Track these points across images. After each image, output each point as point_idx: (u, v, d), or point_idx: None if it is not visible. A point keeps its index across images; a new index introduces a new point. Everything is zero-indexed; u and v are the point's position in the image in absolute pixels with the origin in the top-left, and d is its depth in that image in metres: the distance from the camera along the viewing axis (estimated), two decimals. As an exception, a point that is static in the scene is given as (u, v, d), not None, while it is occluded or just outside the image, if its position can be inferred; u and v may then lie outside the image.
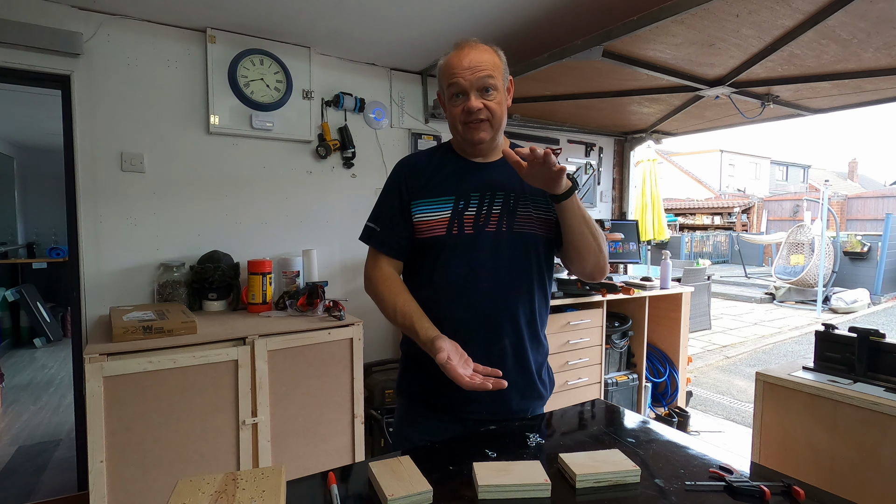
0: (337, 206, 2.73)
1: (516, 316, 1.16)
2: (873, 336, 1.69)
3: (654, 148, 4.06)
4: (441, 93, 1.19)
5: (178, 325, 1.78)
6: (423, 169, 1.20)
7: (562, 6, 2.02)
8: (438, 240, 1.14)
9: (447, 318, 1.13)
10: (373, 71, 2.80)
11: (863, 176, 31.24)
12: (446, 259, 1.14)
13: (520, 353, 1.17)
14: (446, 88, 1.14)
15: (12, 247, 5.30)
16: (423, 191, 1.17)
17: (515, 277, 1.15)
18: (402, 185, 1.19)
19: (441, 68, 1.15)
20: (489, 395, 1.12)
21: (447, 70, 1.13)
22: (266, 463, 1.88)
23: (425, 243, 1.16)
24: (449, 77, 1.12)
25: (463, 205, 1.15)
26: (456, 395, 1.12)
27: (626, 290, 3.00)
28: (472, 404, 1.15)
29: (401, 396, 1.28)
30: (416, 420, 1.22)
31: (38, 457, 2.81)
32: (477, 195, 1.16)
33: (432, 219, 1.15)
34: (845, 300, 8.84)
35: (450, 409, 1.17)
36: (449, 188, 1.16)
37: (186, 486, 0.77)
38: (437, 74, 1.18)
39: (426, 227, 1.15)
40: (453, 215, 1.14)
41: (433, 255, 1.15)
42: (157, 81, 2.24)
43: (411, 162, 1.23)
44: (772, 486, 0.83)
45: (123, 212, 2.19)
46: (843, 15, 1.71)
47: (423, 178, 1.18)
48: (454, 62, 1.11)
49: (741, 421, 3.75)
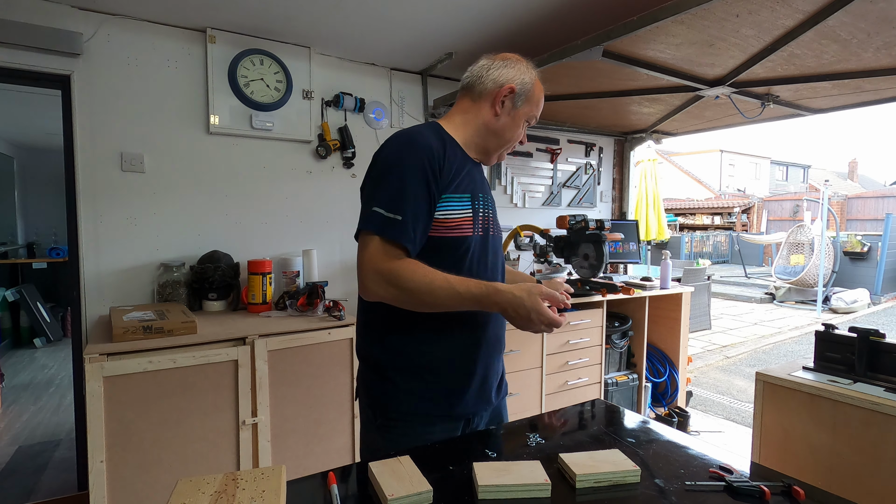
0: (337, 206, 2.73)
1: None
2: (873, 336, 1.68)
3: (654, 148, 4.06)
4: (517, 108, 1.16)
5: (178, 325, 1.78)
6: (446, 158, 1.08)
7: (562, 6, 2.03)
8: (466, 240, 1.09)
9: (474, 320, 1.12)
10: (373, 71, 2.80)
11: (863, 176, 31.24)
12: (473, 261, 1.12)
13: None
14: (528, 112, 1.18)
15: (12, 247, 5.30)
16: (451, 184, 1.07)
17: (503, 279, 1.25)
18: (430, 174, 1.03)
19: (533, 90, 1.18)
20: (494, 390, 1.19)
21: (537, 97, 1.18)
22: (266, 463, 1.88)
23: (450, 243, 1.07)
24: (536, 105, 1.18)
25: (477, 204, 1.14)
26: (470, 394, 1.13)
27: (626, 290, 3.00)
28: (481, 402, 1.16)
29: (407, 396, 1.10)
30: (417, 420, 1.12)
31: (38, 457, 2.81)
32: (482, 195, 1.16)
33: (459, 217, 1.08)
34: (845, 300, 8.84)
35: (456, 406, 1.12)
36: (466, 185, 1.12)
37: (186, 486, 0.77)
38: (525, 90, 1.16)
39: (453, 225, 1.06)
40: (473, 215, 1.11)
41: (457, 257, 1.09)
42: (157, 81, 2.24)
43: (429, 145, 1.06)
44: (772, 486, 0.83)
45: (123, 212, 2.19)
46: (843, 15, 1.71)
47: (448, 169, 1.07)
48: (540, 101, 1.20)
49: (741, 421, 3.75)
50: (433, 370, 1.10)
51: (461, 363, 1.12)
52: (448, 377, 1.11)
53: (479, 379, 1.14)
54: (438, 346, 1.10)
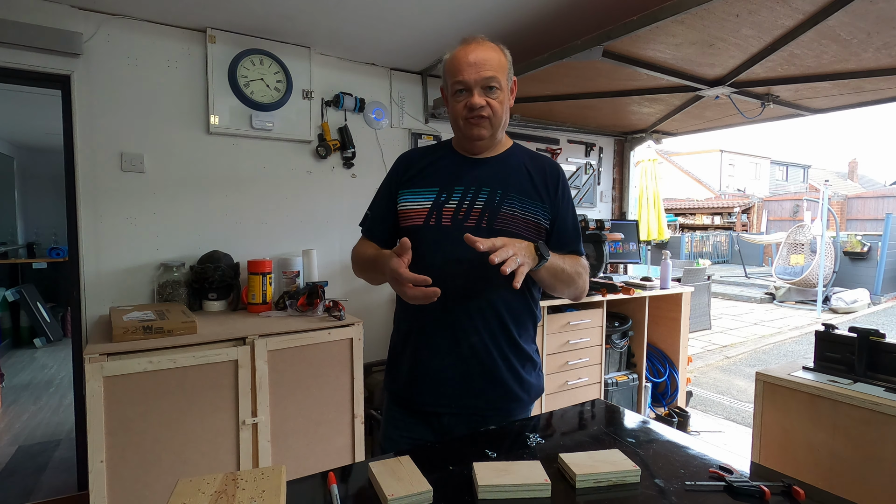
0: (337, 206, 2.73)
1: (489, 313, 1.14)
2: (873, 336, 1.69)
3: (654, 148, 4.06)
4: (444, 88, 1.19)
5: (178, 325, 1.78)
6: (418, 161, 1.24)
7: (562, 6, 2.02)
8: (416, 229, 1.17)
9: (422, 310, 1.12)
10: (373, 71, 2.80)
11: (863, 176, 31.24)
12: (423, 250, 1.13)
13: (490, 353, 1.15)
14: (451, 84, 1.14)
15: (12, 247, 5.30)
16: (411, 181, 1.21)
17: (492, 275, 1.03)
18: (395, 175, 1.25)
19: (446, 63, 1.16)
20: (456, 389, 1.15)
21: (452, 65, 1.13)
22: (266, 463, 1.88)
23: (406, 232, 1.17)
24: (454, 73, 1.12)
25: (445, 197, 1.16)
26: (424, 390, 1.17)
27: (626, 290, 3.00)
28: (439, 397, 1.16)
29: (384, 394, 1.32)
30: (396, 419, 1.23)
31: (38, 457, 2.81)
32: (461, 189, 1.16)
33: (413, 208, 1.18)
34: (845, 300, 8.84)
35: (419, 405, 1.19)
36: (435, 180, 1.18)
37: (186, 486, 0.77)
38: (442, 69, 1.18)
39: (407, 216, 1.19)
40: (433, 206, 1.16)
41: (413, 245, 1.12)
42: (157, 81, 2.24)
43: (409, 155, 1.28)
44: (772, 486, 0.83)
45: (123, 212, 2.19)
46: (843, 15, 1.71)
47: (415, 169, 1.22)
48: (460, 58, 1.11)
49: (741, 421, 3.75)
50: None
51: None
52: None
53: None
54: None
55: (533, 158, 1.24)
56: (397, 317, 1.28)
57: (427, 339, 1.17)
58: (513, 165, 1.20)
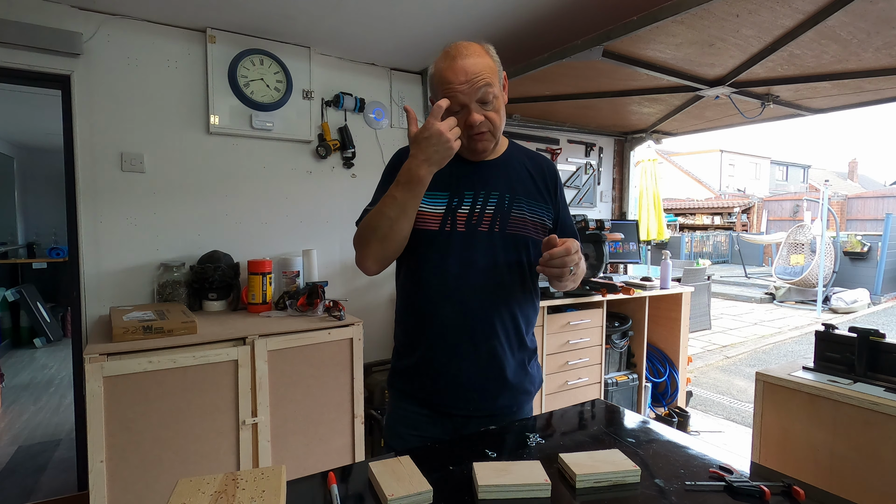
0: (337, 206, 2.73)
1: (506, 317, 1.16)
2: (873, 336, 1.68)
3: (654, 148, 4.06)
4: (435, 100, 1.13)
5: (178, 325, 1.78)
6: None
7: (562, 6, 2.02)
8: (431, 234, 1.13)
9: (437, 315, 1.13)
10: (373, 71, 2.80)
11: (863, 176, 31.25)
12: (440, 256, 1.13)
13: (507, 353, 1.17)
14: (437, 94, 1.11)
15: (12, 247, 5.30)
16: None
17: (507, 279, 1.14)
18: (397, 173, 1.15)
19: (434, 79, 1.11)
20: (475, 392, 1.15)
21: (443, 84, 1.08)
22: (266, 463, 1.88)
23: (420, 236, 1.13)
24: (445, 90, 1.07)
25: (457, 202, 1.15)
26: (441, 391, 1.15)
27: (626, 290, 3.00)
28: (457, 400, 1.16)
29: (391, 390, 1.28)
30: (407, 416, 1.22)
31: (38, 457, 2.81)
32: (471, 193, 1.15)
33: (425, 211, 1.13)
34: (845, 300, 8.84)
35: (435, 405, 1.18)
36: (443, 184, 1.14)
37: (186, 486, 0.77)
38: (430, 83, 1.15)
39: (419, 220, 1.12)
40: (447, 212, 1.14)
41: (424, 251, 1.14)
42: (157, 81, 2.24)
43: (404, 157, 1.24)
44: (772, 486, 0.83)
45: (123, 212, 2.19)
46: (843, 15, 1.71)
47: None
48: (449, 76, 1.06)
49: (741, 421, 3.75)
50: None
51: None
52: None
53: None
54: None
55: (531, 158, 1.26)
56: (403, 313, 1.23)
57: (443, 341, 1.15)
58: (515, 167, 1.21)
